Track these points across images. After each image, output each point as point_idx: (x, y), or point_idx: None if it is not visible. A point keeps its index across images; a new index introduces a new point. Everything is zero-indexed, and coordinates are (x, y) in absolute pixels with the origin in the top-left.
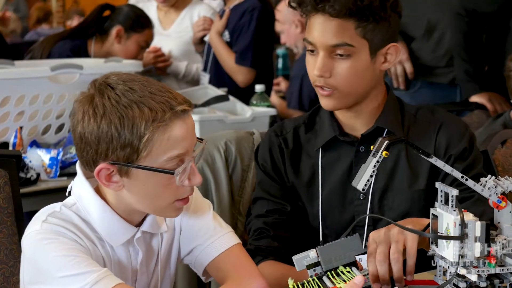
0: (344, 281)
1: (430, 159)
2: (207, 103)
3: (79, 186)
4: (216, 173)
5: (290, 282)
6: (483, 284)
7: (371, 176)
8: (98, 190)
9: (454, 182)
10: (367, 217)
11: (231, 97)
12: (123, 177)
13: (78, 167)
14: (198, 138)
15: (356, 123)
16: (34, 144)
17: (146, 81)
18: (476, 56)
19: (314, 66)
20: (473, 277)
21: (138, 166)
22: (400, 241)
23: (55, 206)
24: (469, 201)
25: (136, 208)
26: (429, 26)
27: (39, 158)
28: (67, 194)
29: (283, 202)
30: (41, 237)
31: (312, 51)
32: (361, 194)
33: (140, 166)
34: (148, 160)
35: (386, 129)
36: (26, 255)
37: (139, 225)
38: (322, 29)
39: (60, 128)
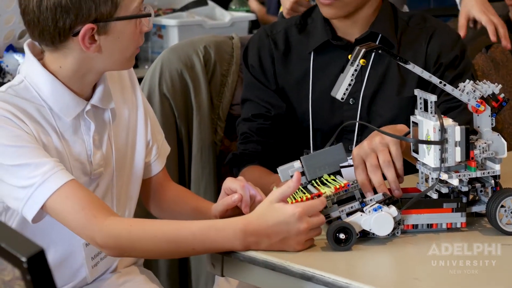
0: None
1: (407, 66)
2: (185, 8)
3: (27, 64)
4: (195, 78)
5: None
6: (465, 189)
7: (350, 85)
8: (45, 67)
9: (443, 91)
10: (357, 123)
11: (210, 2)
12: (101, 36)
13: (25, 47)
14: None
15: (350, 28)
16: (11, 48)
17: None
18: None
19: None
20: (455, 182)
21: (120, 18)
22: (385, 149)
23: (1, 88)
24: (455, 110)
25: (97, 69)
26: None
27: (16, 63)
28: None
29: (268, 106)
30: None
31: None
32: (351, 99)
33: (122, 17)
34: (123, 11)
35: (380, 35)
36: None
37: (87, 100)
38: None
39: None
